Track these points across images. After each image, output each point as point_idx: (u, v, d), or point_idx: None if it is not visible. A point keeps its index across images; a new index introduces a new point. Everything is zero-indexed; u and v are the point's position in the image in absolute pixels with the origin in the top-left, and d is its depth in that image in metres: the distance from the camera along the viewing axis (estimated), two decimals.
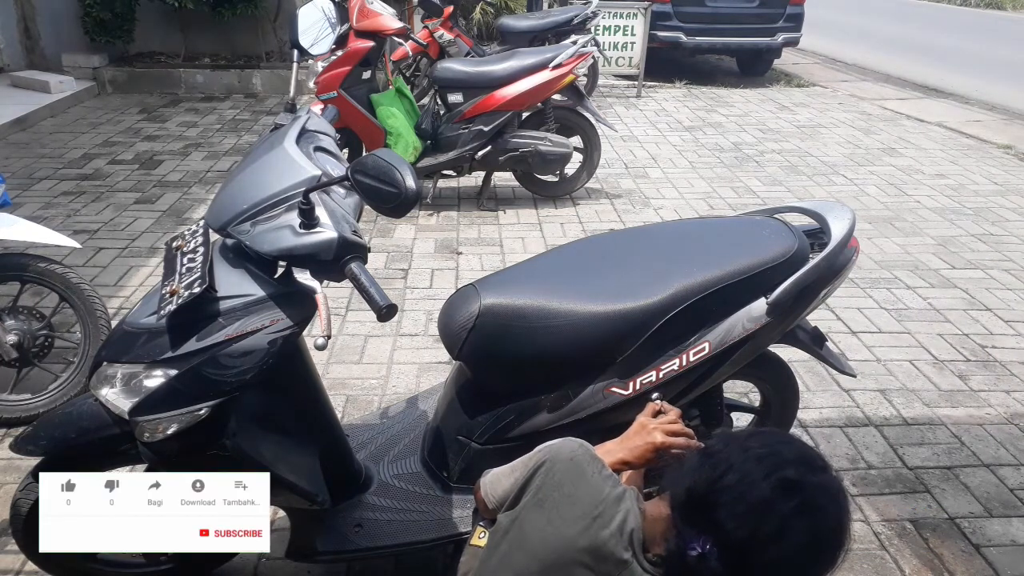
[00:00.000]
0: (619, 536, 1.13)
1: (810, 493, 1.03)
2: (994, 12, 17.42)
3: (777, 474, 1.04)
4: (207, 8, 6.89)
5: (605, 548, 1.13)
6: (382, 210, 1.42)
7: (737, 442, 1.11)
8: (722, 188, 5.15)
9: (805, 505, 1.02)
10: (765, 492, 1.02)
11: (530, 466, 1.24)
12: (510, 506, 1.25)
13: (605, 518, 1.15)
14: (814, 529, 1.02)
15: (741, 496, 1.03)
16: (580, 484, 1.19)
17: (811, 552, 1.03)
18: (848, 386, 2.95)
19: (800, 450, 1.10)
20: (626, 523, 1.14)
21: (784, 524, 1.01)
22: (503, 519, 1.24)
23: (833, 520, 1.05)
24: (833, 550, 1.06)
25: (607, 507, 1.16)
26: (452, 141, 4.48)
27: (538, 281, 1.81)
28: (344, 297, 3.45)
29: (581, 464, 1.22)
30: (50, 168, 5.09)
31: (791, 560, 1.02)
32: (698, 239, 1.98)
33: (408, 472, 1.97)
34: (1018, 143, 6.34)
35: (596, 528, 1.14)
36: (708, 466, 1.09)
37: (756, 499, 1.02)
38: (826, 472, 1.08)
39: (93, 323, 2.59)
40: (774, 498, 1.02)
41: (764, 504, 1.02)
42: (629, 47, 7.67)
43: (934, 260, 4.10)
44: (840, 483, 1.09)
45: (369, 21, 4.25)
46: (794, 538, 1.01)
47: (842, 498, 1.07)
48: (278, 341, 1.50)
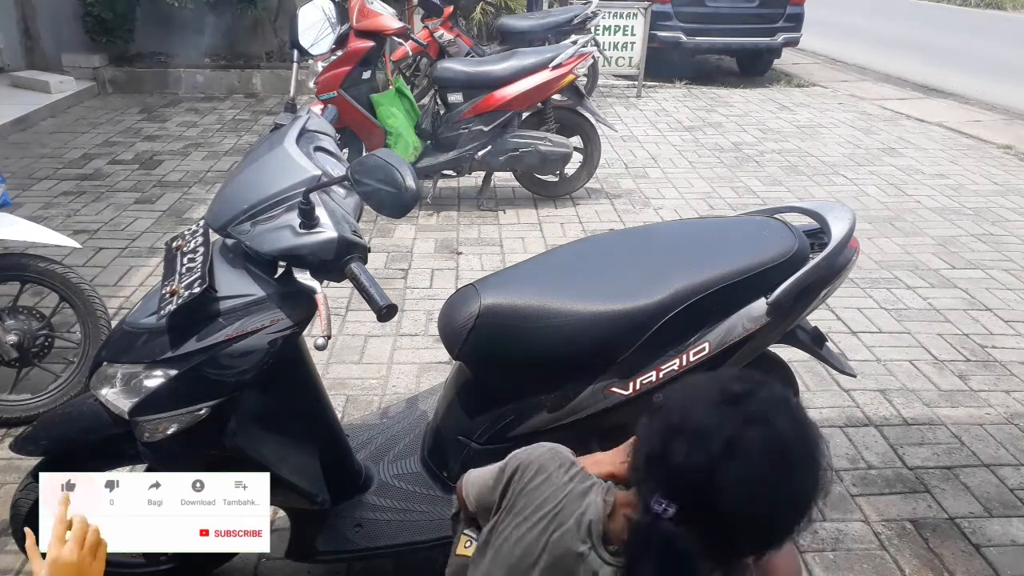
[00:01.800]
0: (576, 531, 1.12)
1: (754, 404, 0.98)
2: (994, 12, 17.41)
3: (715, 396, 1.00)
4: (207, 8, 6.89)
5: (560, 544, 1.12)
6: (382, 210, 1.42)
7: (676, 391, 1.08)
8: (722, 188, 5.15)
9: (751, 415, 0.97)
10: (706, 416, 0.98)
11: (506, 473, 1.24)
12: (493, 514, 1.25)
13: (564, 515, 1.14)
14: (769, 440, 0.96)
15: (685, 428, 0.99)
16: (543, 486, 1.19)
17: (776, 469, 0.95)
18: (848, 386, 2.95)
19: (737, 373, 1.07)
20: (584, 516, 1.13)
21: (732, 440, 0.94)
22: (484, 532, 1.24)
23: (788, 428, 0.98)
24: (806, 464, 0.97)
25: (568, 503, 1.15)
26: (452, 141, 4.48)
27: (538, 281, 1.81)
28: (344, 297, 3.45)
29: (546, 465, 1.21)
30: (50, 168, 5.09)
31: (756, 481, 0.94)
32: (698, 239, 1.98)
33: (408, 472, 1.97)
34: (1018, 143, 6.34)
35: (554, 526, 1.13)
36: (655, 422, 1.05)
37: (700, 424, 0.98)
38: (768, 384, 1.03)
39: (93, 323, 2.59)
40: (717, 418, 0.97)
41: (709, 426, 0.97)
42: (629, 47, 7.67)
43: (934, 260, 4.10)
44: (787, 392, 1.04)
45: (369, 21, 4.25)
46: (750, 455, 0.94)
47: (793, 405, 1.01)
48: (278, 341, 1.50)
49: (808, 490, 0.98)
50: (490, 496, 1.26)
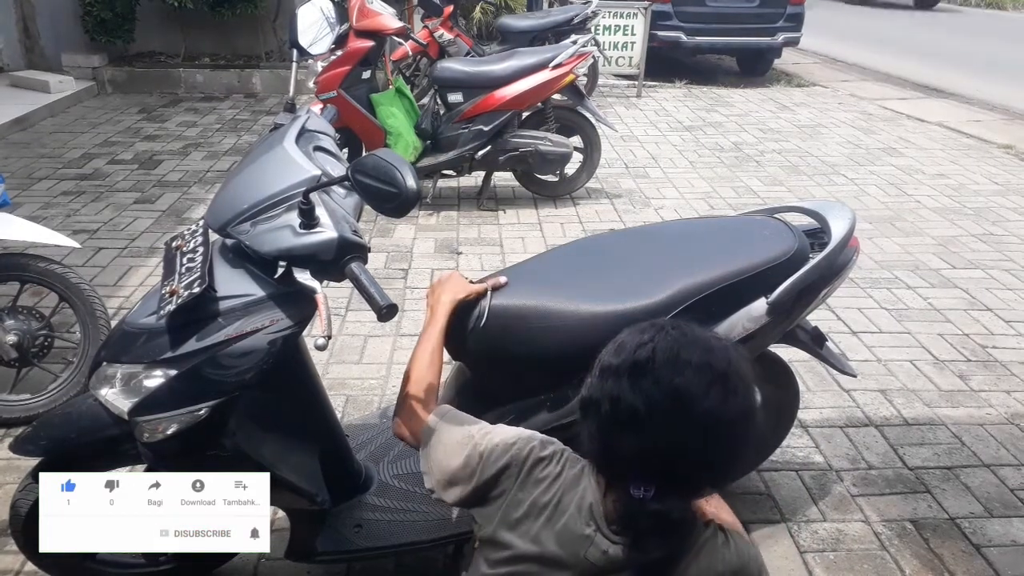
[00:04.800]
0: (577, 514, 1.15)
1: (661, 363, 1.05)
2: (995, 12, 17.41)
3: (627, 369, 1.07)
4: (207, 8, 6.89)
5: (566, 530, 1.14)
6: (382, 210, 1.42)
7: (590, 381, 1.14)
8: (722, 188, 5.15)
9: (668, 358, 1.05)
10: (632, 395, 1.05)
11: (487, 467, 1.25)
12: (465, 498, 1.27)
13: (564, 504, 1.16)
14: (697, 379, 1.03)
15: (620, 417, 1.05)
16: (540, 482, 1.20)
17: (720, 404, 1.03)
18: (848, 386, 2.95)
19: (636, 339, 1.12)
20: (584, 499, 1.15)
21: (671, 406, 1.02)
22: (480, 533, 1.26)
23: (701, 354, 1.05)
24: (735, 381, 1.05)
25: (565, 492, 1.17)
26: (452, 141, 4.47)
27: (538, 281, 1.81)
28: (344, 297, 3.45)
29: (538, 461, 1.23)
30: (50, 168, 5.09)
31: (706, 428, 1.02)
32: (698, 239, 1.98)
33: (408, 472, 1.96)
34: (1019, 143, 6.33)
35: (556, 516, 1.15)
36: (588, 410, 1.12)
37: (630, 404, 1.04)
38: (674, 328, 1.10)
39: (93, 323, 2.58)
40: (642, 393, 1.04)
41: (637, 404, 1.04)
42: (629, 47, 7.67)
43: (935, 260, 4.10)
44: (686, 330, 1.11)
45: (369, 21, 4.24)
46: (692, 405, 1.02)
47: (692, 337, 1.08)
48: (278, 341, 1.50)
49: (745, 406, 1.06)
50: (454, 475, 1.29)
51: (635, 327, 1.15)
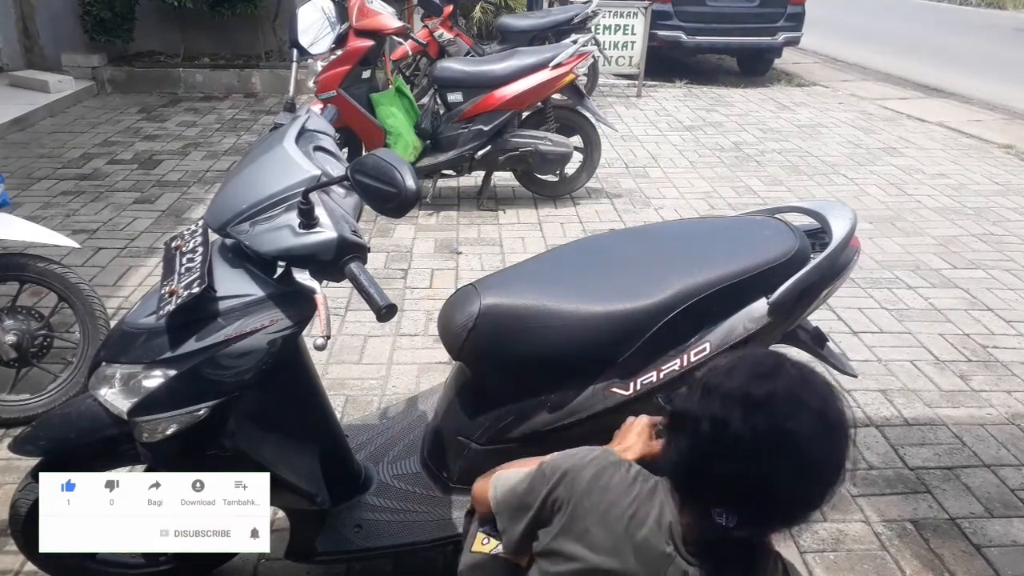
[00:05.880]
0: (657, 529, 1.12)
1: (780, 400, 1.03)
2: (995, 12, 17.41)
3: (741, 399, 1.03)
4: (207, 7, 6.88)
5: (647, 545, 1.11)
6: (382, 210, 1.41)
7: (692, 396, 1.10)
8: (722, 188, 5.14)
9: (778, 411, 1.02)
10: (742, 425, 1.01)
11: (550, 479, 1.22)
12: (531, 522, 1.23)
13: (640, 516, 1.13)
14: (809, 424, 1.02)
15: (724, 439, 1.02)
16: (609, 489, 1.17)
17: (819, 450, 1.02)
18: (849, 386, 2.94)
19: (753, 368, 1.08)
20: (663, 516, 1.12)
21: (773, 441, 1.00)
22: (537, 546, 1.22)
23: (819, 401, 1.05)
24: (841, 431, 1.05)
25: (640, 504, 1.14)
26: (452, 141, 4.47)
27: (538, 281, 1.80)
28: (344, 297, 3.45)
29: (604, 468, 1.20)
30: (49, 168, 5.08)
31: (805, 469, 1.01)
32: (699, 239, 1.97)
33: (408, 472, 1.96)
34: (1019, 143, 6.33)
35: (634, 528, 1.12)
36: (682, 425, 1.08)
37: (738, 432, 1.01)
38: (784, 369, 1.07)
39: (92, 323, 2.58)
40: (751, 423, 1.01)
41: (744, 433, 1.01)
42: (629, 46, 7.67)
43: (935, 260, 4.10)
44: (802, 369, 1.09)
45: (368, 20, 4.24)
46: (794, 448, 1.00)
47: (812, 383, 1.07)
48: (277, 341, 1.50)
49: (846, 456, 1.07)
50: (521, 500, 1.25)
51: (752, 353, 1.14)
